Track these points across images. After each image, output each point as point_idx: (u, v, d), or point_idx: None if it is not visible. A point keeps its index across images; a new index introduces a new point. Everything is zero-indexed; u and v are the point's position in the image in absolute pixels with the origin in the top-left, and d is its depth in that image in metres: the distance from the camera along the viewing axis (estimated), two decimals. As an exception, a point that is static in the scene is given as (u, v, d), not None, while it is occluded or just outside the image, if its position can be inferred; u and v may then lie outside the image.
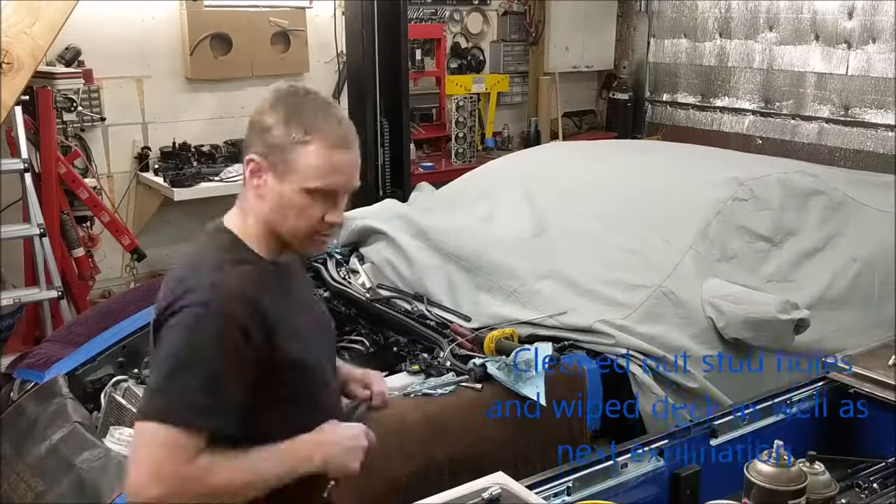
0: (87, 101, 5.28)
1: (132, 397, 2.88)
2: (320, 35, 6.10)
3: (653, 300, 3.00)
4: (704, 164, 3.91)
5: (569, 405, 2.79)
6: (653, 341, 2.89)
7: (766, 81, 6.57)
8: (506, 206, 3.66)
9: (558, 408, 2.74)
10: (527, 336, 2.97)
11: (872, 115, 5.91)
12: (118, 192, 5.71)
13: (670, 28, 7.31)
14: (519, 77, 7.49)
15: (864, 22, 5.87)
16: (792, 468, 1.79)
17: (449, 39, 6.98)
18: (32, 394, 2.99)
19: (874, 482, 2.30)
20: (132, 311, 3.39)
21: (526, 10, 7.33)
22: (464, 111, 6.51)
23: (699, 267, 3.13)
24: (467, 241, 3.42)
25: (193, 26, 5.69)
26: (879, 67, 5.82)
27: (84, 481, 2.46)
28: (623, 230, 3.30)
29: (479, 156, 6.57)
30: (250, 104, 1.82)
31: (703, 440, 2.34)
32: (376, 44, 4.76)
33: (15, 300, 4.52)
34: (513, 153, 5.35)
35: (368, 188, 4.88)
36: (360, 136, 1.81)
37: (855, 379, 2.56)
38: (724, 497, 1.85)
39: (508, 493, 1.71)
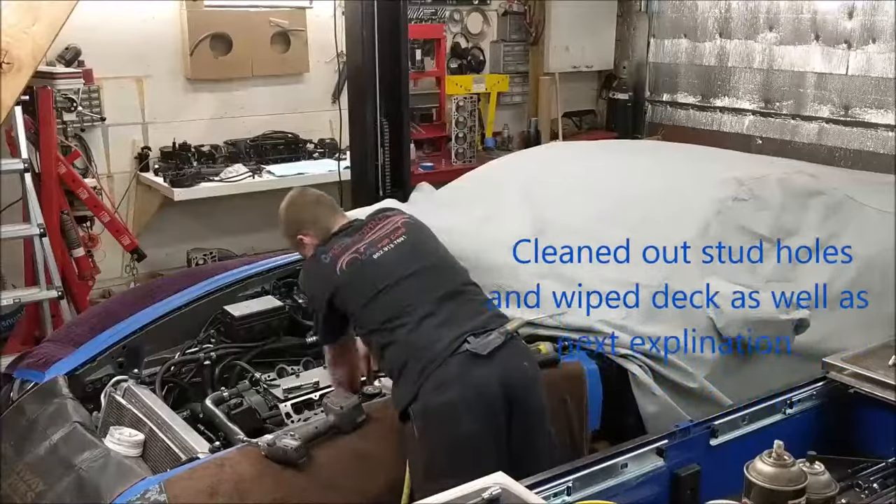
0: (87, 101, 5.28)
1: (132, 397, 2.88)
2: (320, 35, 6.10)
3: (653, 300, 3.00)
4: (704, 164, 3.91)
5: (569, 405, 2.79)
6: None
7: (766, 81, 6.57)
8: (505, 206, 3.66)
9: (559, 408, 2.74)
10: (527, 336, 2.97)
11: (872, 115, 5.91)
12: (118, 192, 5.71)
13: (670, 28, 7.30)
14: (519, 77, 7.49)
15: (864, 22, 5.87)
16: (792, 468, 1.79)
17: (449, 39, 6.98)
18: (32, 394, 2.99)
19: (874, 482, 2.30)
20: (132, 311, 3.40)
21: (526, 10, 7.32)
22: (464, 111, 6.51)
23: (699, 267, 3.13)
24: (467, 240, 3.42)
25: (193, 26, 5.70)
26: (879, 67, 5.82)
27: (84, 481, 2.46)
28: (623, 230, 3.29)
29: (479, 156, 6.56)
30: (250, 104, 1.83)
31: (703, 440, 2.33)
32: (376, 44, 4.74)
33: (15, 300, 4.52)
34: (512, 153, 5.36)
35: (368, 188, 4.87)
36: (360, 135, 1.83)
37: (855, 379, 2.56)
38: (724, 497, 1.85)
39: (508, 492, 1.70)
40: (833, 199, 3.56)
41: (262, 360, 3.24)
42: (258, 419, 2.85)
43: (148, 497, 2.25)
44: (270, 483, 2.32)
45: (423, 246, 2.78)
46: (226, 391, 2.92)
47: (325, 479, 2.37)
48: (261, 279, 3.66)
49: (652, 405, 2.83)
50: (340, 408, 2.51)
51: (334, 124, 5.66)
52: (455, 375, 2.40)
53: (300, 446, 2.35)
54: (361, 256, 2.65)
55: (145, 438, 2.65)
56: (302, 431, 2.42)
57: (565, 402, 2.77)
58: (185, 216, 5.88)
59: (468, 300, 2.63)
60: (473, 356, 2.41)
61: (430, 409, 2.39)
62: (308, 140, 6.25)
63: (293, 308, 3.49)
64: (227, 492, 2.27)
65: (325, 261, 2.68)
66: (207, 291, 3.49)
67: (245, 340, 3.29)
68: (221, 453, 2.44)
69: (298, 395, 2.94)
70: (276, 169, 5.73)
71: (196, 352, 3.22)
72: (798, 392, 2.54)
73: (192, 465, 2.39)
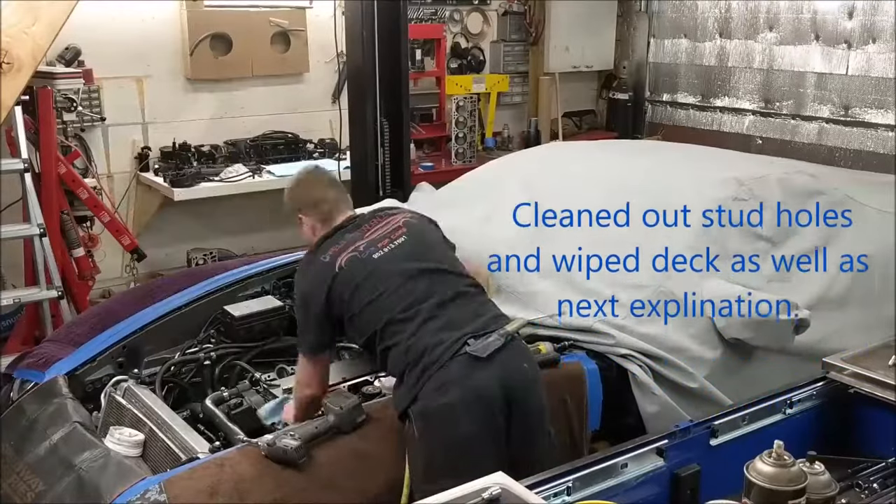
0: (87, 101, 5.28)
1: (132, 397, 2.88)
2: (320, 35, 6.10)
3: (653, 300, 3.00)
4: (704, 164, 3.91)
5: (569, 405, 2.79)
6: (653, 341, 2.89)
7: (766, 81, 6.57)
8: (505, 206, 3.66)
9: (559, 408, 2.74)
10: (527, 336, 2.97)
11: (872, 115, 5.91)
12: (118, 192, 5.71)
13: (670, 28, 7.31)
14: (519, 77, 7.49)
15: (864, 22, 5.87)
16: (792, 468, 1.79)
17: (449, 39, 6.98)
18: (32, 394, 2.99)
19: (874, 482, 2.30)
20: (132, 311, 3.39)
21: (526, 10, 7.32)
22: (464, 111, 6.51)
23: (699, 267, 3.13)
24: (467, 240, 3.42)
25: (193, 26, 5.70)
26: (879, 67, 5.82)
27: (84, 481, 2.46)
28: (623, 230, 3.29)
29: (479, 156, 6.56)
30: (250, 104, 1.84)
31: (703, 440, 2.33)
32: (376, 44, 4.75)
33: (15, 300, 4.52)
34: (512, 153, 5.36)
35: (368, 188, 4.88)
36: (360, 135, 1.84)
37: (855, 379, 2.56)
38: (724, 497, 1.85)
39: (508, 492, 1.70)
40: (833, 198, 3.56)
41: (262, 360, 3.24)
42: (258, 419, 2.85)
43: (148, 497, 2.25)
44: (270, 483, 2.31)
45: (424, 246, 2.76)
46: (226, 391, 2.92)
47: (325, 479, 2.37)
48: (261, 279, 3.66)
49: (652, 405, 2.83)
50: (340, 408, 2.51)
51: (334, 124, 5.66)
52: (455, 378, 2.40)
53: (300, 446, 2.35)
54: (361, 255, 2.63)
55: (145, 438, 2.65)
56: (302, 431, 2.42)
57: (565, 402, 2.77)
58: (185, 216, 5.88)
59: (469, 301, 2.62)
60: (474, 358, 2.41)
61: (430, 411, 2.39)
62: (308, 140, 6.25)
63: (293, 308, 3.48)
64: (227, 492, 2.27)
65: (325, 260, 2.65)
66: (207, 291, 3.49)
67: (245, 340, 3.29)
68: (221, 453, 2.44)
69: (298, 395, 2.94)
70: (276, 169, 5.73)
71: (196, 352, 3.22)
72: (798, 392, 2.54)
73: (192, 465, 2.39)
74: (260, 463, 2.36)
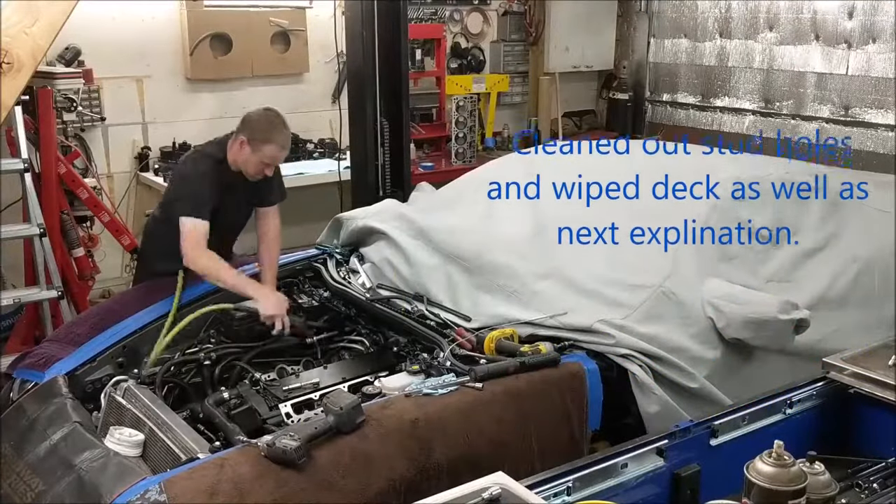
0: (87, 101, 5.29)
1: (132, 397, 2.88)
2: (320, 35, 6.10)
3: (653, 300, 3.00)
4: (704, 164, 3.90)
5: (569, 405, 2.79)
6: (653, 341, 2.89)
7: (766, 81, 6.57)
8: (505, 206, 3.66)
9: (559, 408, 2.74)
10: (527, 336, 2.97)
11: (872, 115, 5.91)
12: (118, 192, 5.72)
13: (670, 28, 7.31)
14: (519, 77, 7.49)
15: (864, 22, 5.87)
16: (792, 468, 1.79)
17: (449, 39, 6.98)
18: (32, 394, 2.99)
19: (874, 482, 2.30)
20: (132, 311, 3.40)
21: (526, 10, 7.33)
22: (464, 111, 6.51)
23: (699, 267, 3.13)
24: (467, 240, 3.43)
25: (193, 26, 5.70)
26: (879, 67, 5.82)
27: (84, 481, 2.45)
28: (623, 230, 3.29)
29: (479, 156, 6.57)
30: (250, 104, 1.84)
31: (703, 440, 2.34)
32: (376, 44, 4.75)
33: (15, 300, 4.52)
34: (512, 153, 5.35)
35: (368, 188, 4.88)
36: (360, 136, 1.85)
37: (855, 379, 2.56)
38: (724, 497, 1.85)
39: (508, 493, 1.71)
40: (833, 198, 3.56)
41: (262, 360, 3.24)
42: (258, 419, 2.85)
43: (148, 497, 2.24)
44: (270, 483, 2.31)
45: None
46: (226, 391, 2.91)
47: (325, 479, 2.37)
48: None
49: (652, 405, 2.83)
50: (340, 408, 2.50)
51: (334, 124, 5.67)
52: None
53: (300, 446, 2.35)
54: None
55: (145, 438, 2.65)
56: (302, 431, 2.42)
57: (565, 402, 2.77)
58: (185, 216, 5.88)
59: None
60: None
61: None
62: (308, 140, 6.25)
63: (293, 308, 3.49)
64: (227, 492, 2.27)
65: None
66: (207, 291, 3.50)
67: (245, 340, 3.29)
68: (221, 453, 2.44)
69: (298, 395, 2.94)
70: (276, 169, 5.72)
71: (196, 352, 3.22)
72: (798, 392, 2.55)
73: (192, 465, 2.38)
74: (260, 463, 2.35)
